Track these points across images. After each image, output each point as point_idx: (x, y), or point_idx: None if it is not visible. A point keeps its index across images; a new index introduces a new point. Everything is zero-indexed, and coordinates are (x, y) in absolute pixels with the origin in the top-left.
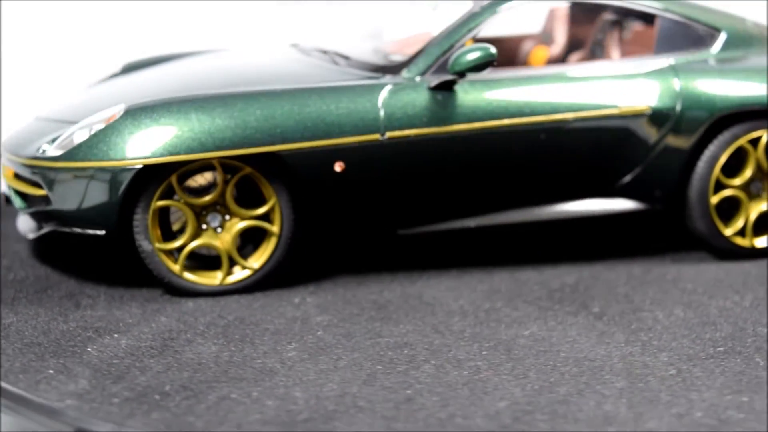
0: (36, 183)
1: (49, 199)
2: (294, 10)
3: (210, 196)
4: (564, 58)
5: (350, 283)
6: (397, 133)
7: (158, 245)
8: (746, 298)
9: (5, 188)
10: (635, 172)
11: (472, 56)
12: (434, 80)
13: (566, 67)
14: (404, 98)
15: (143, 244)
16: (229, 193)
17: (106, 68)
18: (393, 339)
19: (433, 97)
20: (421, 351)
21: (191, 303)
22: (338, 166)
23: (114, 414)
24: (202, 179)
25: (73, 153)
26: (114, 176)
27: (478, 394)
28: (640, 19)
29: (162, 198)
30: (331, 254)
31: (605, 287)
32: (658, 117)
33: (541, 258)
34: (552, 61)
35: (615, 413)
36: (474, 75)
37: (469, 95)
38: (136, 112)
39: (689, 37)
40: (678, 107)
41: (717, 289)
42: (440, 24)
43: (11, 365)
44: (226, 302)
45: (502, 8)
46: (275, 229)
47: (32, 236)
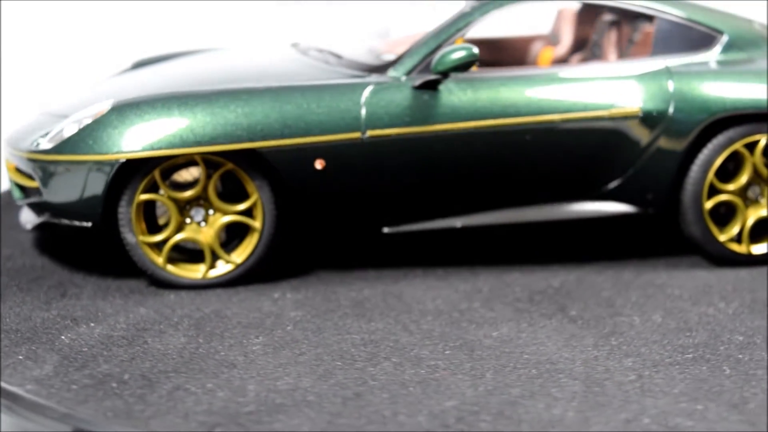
0: (31, 175)
1: (41, 191)
2: (303, 11)
3: (193, 191)
4: (568, 59)
5: (334, 280)
6: (378, 132)
7: (142, 238)
8: (731, 306)
9: (8, 181)
10: (626, 175)
11: (455, 56)
12: (419, 80)
13: (556, 69)
14: (387, 97)
15: (128, 237)
16: (212, 188)
17: (106, 68)
18: (360, 336)
19: (417, 97)
20: (385, 348)
21: (173, 295)
22: (319, 164)
23: (68, 399)
24: (188, 174)
25: (62, 146)
26: (98, 170)
27: (429, 393)
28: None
29: (146, 192)
30: (321, 251)
31: (589, 290)
32: (650, 119)
33: (533, 260)
34: (556, 62)
35: (562, 416)
36: (461, 75)
37: (454, 95)
38: (122, 108)
39: (689, 39)
40: (671, 110)
41: (703, 296)
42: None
43: None
44: (207, 295)
45: (493, 9)
46: (257, 225)
47: (29, 227)
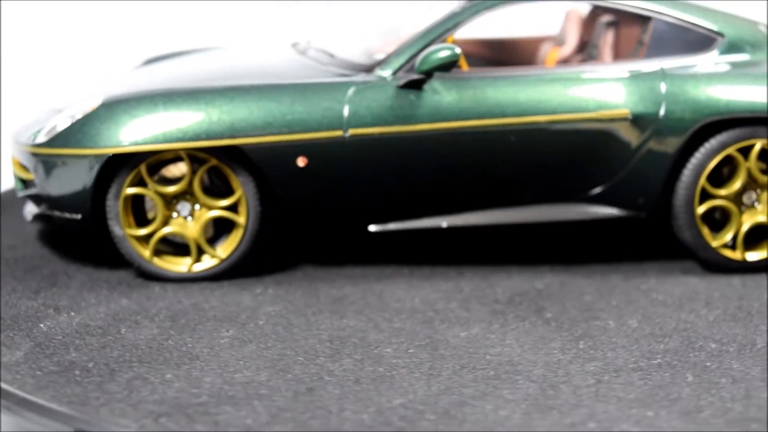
0: (28, 168)
1: (36, 183)
2: (309, 11)
3: (178, 186)
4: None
5: (319, 277)
6: (360, 131)
7: (129, 231)
8: (713, 313)
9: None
10: (616, 178)
11: (436, 56)
12: (403, 79)
13: (546, 70)
14: (370, 96)
15: (115, 230)
16: (197, 184)
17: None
18: (329, 332)
19: (400, 96)
20: (350, 345)
21: (158, 287)
22: (301, 161)
23: (29, 385)
24: (176, 170)
25: (54, 140)
26: (86, 164)
27: (381, 390)
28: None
29: (133, 186)
30: (314, 249)
31: (572, 293)
32: (640, 121)
33: (525, 261)
34: (560, 63)
35: (507, 418)
36: (449, 75)
37: (438, 95)
38: (111, 104)
39: (687, 41)
40: (662, 112)
41: (687, 302)
42: None
43: None
44: (191, 289)
45: (483, 10)
46: (241, 221)
47: (29, 218)
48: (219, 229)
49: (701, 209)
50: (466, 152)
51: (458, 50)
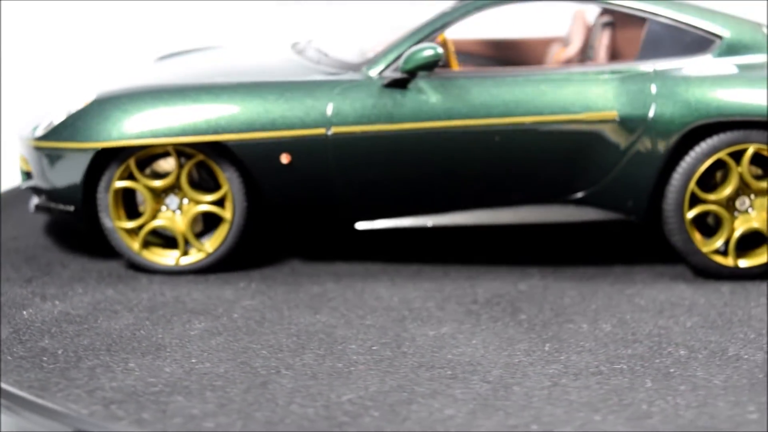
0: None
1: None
2: (316, 11)
3: (166, 180)
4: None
5: (305, 273)
6: (343, 129)
7: (118, 223)
8: (692, 320)
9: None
10: (604, 180)
11: (419, 55)
12: (388, 78)
13: (534, 70)
14: (354, 95)
15: (105, 222)
16: (184, 178)
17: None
18: (299, 327)
19: (384, 95)
20: (316, 341)
21: (145, 279)
22: (285, 158)
23: None
24: (167, 165)
25: (50, 134)
26: (78, 157)
27: (334, 386)
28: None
29: (123, 179)
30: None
31: (553, 296)
32: (628, 123)
33: (516, 262)
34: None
35: (450, 417)
36: (435, 74)
37: (422, 94)
38: (103, 99)
39: (683, 42)
40: (651, 114)
41: (669, 308)
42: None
43: None
44: (177, 281)
45: (473, 10)
46: (227, 216)
47: (32, 209)
48: (209, 224)
49: (691, 214)
50: (450, 152)
51: (440, 50)
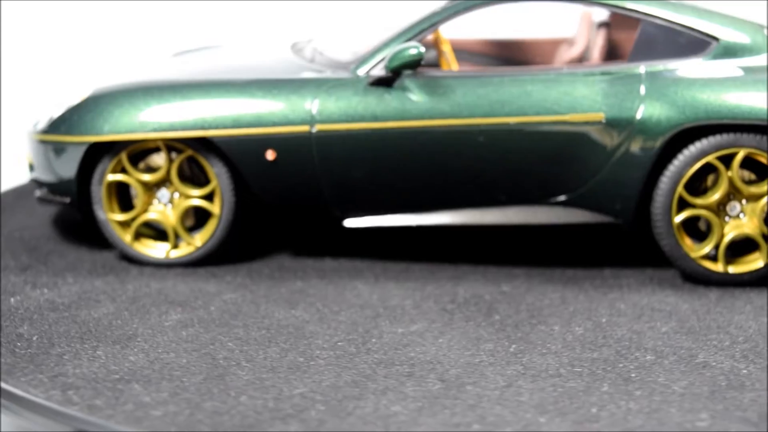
0: None
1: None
2: (323, 11)
3: (157, 174)
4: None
5: (293, 269)
6: (327, 127)
7: (111, 216)
8: (669, 325)
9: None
10: (592, 182)
11: (402, 54)
12: (373, 77)
13: (522, 71)
14: (339, 93)
15: (99, 214)
16: (174, 173)
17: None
18: (273, 321)
19: (369, 94)
20: (284, 335)
21: (135, 270)
22: (270, 155)
23: None
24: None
25: (47, 128)
26: (72, 150)
27: (289, 379)
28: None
29: (115, 173)
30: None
31: (533, 297)
32: (615, 125)
33: (508, 263)
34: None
35: (394, 414)
36: (422, 73)
37: (407, 93)
38: (99, 95)
39: (678, 44)
40: (638, 115)
41: (648, 313)
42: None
43: None
44: (166, 273)
45: (463, 10)
46: (216, 211)
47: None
48: (202, 218)
49: (678, 218)
50: (434, 151)
51: (422, 49)
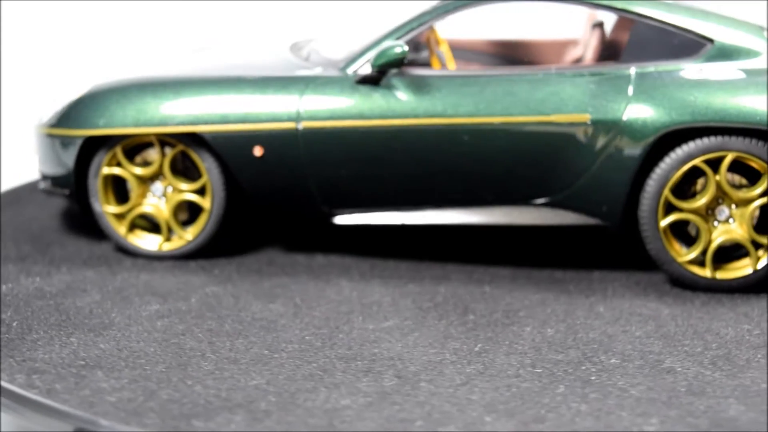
0: None
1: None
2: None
3: (150, 168)
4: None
5: (282, 264)
6: (313, 124)
7: (106, 208)
8: (644, 329)
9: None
10: (578, 184)
11: (385, 52)
12: (360, 75)
13: (509, 71)
14: (326, 91)
15: (95, 206)
16: (167, 167)
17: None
18: (245, 315)
19: (356, 92)
20: (254, 328)
21: (129, 262)
22: (258, 150)
23: None
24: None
25: (48, 121)
26: (69, 144)
27: (248, 371)
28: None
29: (110, 166)
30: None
31: (513, 298)
32: (601, 126)
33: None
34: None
35: (343, 407)
36: (409, 72)
37: (393, 92)
38: (96, 90)
39: (671, 45)
40: (624, 117)
41: (626, 317)
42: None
43: None
44: (157, 265)
45: (452, 10)
46: (206, 205)
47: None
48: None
49: (664, 222)
50: (419, 150)
51: (406, 48)
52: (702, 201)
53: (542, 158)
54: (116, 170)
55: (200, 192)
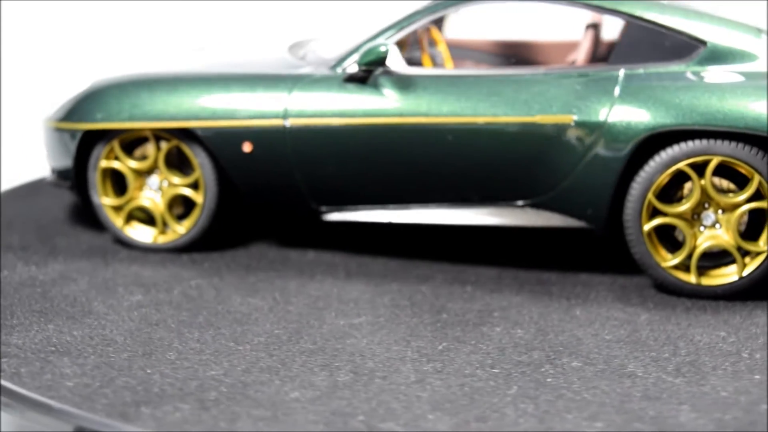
0: None
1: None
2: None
3: (146, 162)
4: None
5: (272, 260)
6: (300, 121)
7: (104, 200)
8: (615, 334)
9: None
10: (562, 185)
11: (369, 51)
12: (347, 74)
13: (496, 71)
14: (314, 89)
15: (94, 199)
16: (161, 161)
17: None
18: (224, 307)
19: (343, 90)
20: (227, 320)
21: (124, 254)
22: (247, 147)
23: None
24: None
25: (53, 116)
26: (69, 137)
27: (209, 362)
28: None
29: (110, 160)
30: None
31: (493, 299)
32: (585, 127)
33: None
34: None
35: (291, 400)
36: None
37: (379, 90)
38: (96, 85)
39: (662, 47)
40: (609, 119)
41: (604, 321)
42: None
43: None
44: (151, 257)
45: (442, 9)
46: (199, 200)
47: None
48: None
49: (648, 226)
50: (404, 148)
51: (387, 47)
52: (686, 206)
53: (527, 159)
54: (113, 163)
55: (194, 186)
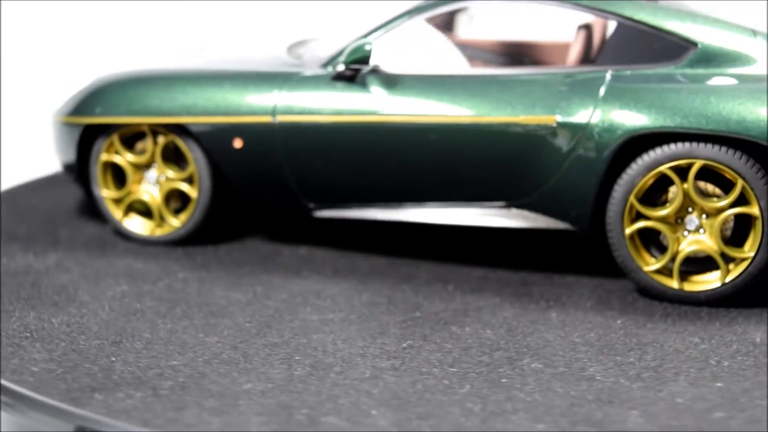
0: None
1: None
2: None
3: (143, 157)
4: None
5: (264, 255)
6: (288, 118)
7: (104, 193)
8: (585, 337)
9: None
10: (546, 187)
11: (354, 49)
12: (335, 72)
13: (483, 71)
14: (303, 87)
15: (95, 191)
16: (158, 155)
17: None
18: (203, 300)
19: (331, 88)
20: (203, 313)
21: (123, 246)
22: (237, 143)
23: None
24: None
25: (59, 109)
26: (71, 131)
27: (173, 352)
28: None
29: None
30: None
31: (471, 298)
32: (568, 129)
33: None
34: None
35: (245, 391)
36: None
37: (366, 89)
38: (99, 82)
39: (652, 48)
40: (592, 120)
41: (577, 324)
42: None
43: None
44: (147, 250)
45: (433, 9)
46: (194, 194)
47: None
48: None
49: (630, 229)
50: (389, 146)
51: (371, 45)
52: (668, 209)
53: (511, 159)
54: (114, 157)
55: (190, 181)
